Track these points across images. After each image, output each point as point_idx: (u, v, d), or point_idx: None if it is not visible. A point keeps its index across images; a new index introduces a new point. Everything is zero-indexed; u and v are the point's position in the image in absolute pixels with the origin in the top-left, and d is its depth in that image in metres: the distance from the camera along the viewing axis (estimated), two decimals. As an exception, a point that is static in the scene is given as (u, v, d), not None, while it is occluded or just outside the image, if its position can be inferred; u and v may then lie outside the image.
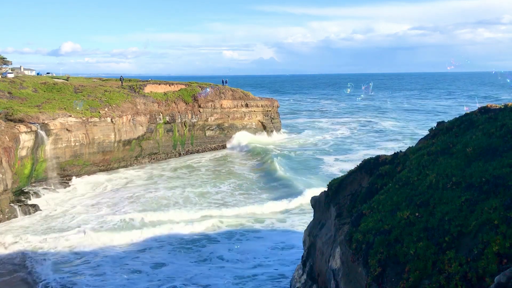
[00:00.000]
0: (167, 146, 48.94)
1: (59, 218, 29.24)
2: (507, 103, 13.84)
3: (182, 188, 35.80)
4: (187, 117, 51.10)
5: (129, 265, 22.06)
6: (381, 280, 8.61)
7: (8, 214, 28.91)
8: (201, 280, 20.17)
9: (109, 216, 28.92)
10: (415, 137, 48.70)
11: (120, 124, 42.17)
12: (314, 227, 16.72)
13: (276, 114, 63.44)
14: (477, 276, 6.76)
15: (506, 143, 10.72)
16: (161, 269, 21.55)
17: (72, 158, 38.04)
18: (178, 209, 30.27)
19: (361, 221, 10.73)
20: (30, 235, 25.56)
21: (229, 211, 29.49)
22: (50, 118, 36.09)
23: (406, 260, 8.37)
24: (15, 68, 66.17)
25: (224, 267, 21.58)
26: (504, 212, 7.80)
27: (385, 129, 67.80)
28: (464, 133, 12.97)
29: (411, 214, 9.56)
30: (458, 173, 10.28)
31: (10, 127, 31.40)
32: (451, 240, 8.11)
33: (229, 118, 56.51)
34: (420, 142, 15.05)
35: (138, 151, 45.02)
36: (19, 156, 31.59)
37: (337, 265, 11.59)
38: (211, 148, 53.49)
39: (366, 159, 15.57)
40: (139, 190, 35.57)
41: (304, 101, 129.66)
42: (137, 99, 46.10)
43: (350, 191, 14.54)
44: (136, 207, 30.79)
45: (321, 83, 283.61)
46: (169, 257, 22.88)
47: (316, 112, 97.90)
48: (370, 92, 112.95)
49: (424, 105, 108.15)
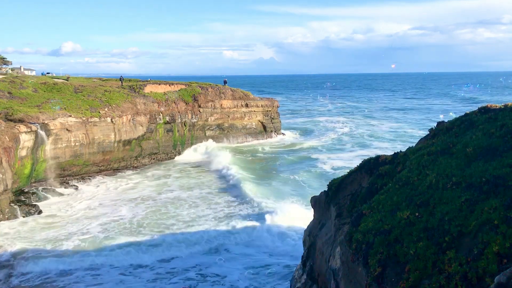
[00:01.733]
0: (167, 146, 48.94)
1: (61, 220, 29.23)
2: (507, 103, 13.84)
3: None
4: (187, 117, 51.11)
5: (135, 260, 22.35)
6: (381, 280, 8.61)
7: (8, 214, 28.90)
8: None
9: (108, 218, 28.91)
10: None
11: (120, 124, 42.17)
12: (314, 227, 16.72)
13: (276, 114, 63.46)
14: (477, 276, 6.76)
15: (506, 143, 10.72)
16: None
17: (72, 158, 38.03)
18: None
19: (361, 221, 10.73)
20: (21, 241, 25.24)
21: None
22: (50, 118, 36.09)
23: (406, 260, 8.37)
24: (15, 68, 66.19)
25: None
26: (504, 212, 7.80)
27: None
28: (464, 133, 12.97)
29: (411, 214, 9.56)
30: (458, 173, 10.27)
31: (10, 127, 31.39)
32: (451, 240, 8.11)
33: (229, 118, 56.52)
34: (420, 142, 15.05)
35: (138, 151, 45.01)
36: (19, 156, 31.58)
37: (337, 265, 11.59)
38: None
39: (366, 159, 15.56)
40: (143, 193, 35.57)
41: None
42: (137, 99, 46.10)
43: (350, 191, 14.53)
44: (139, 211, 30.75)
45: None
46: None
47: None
48: (326, 98, 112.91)
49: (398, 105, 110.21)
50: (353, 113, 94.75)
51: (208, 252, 23.39)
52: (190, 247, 23.72)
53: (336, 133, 64.99)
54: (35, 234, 26.17)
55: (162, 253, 23.10)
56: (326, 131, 67.63)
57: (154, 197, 33.61)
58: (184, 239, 24.71)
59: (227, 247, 23.89)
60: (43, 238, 25.35)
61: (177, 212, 29.78)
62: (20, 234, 26.16)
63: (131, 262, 22.30)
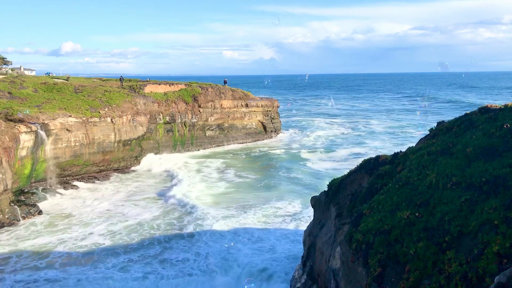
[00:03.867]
0: (167, 146, 48.95)
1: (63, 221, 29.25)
2: (507, 103, 13.84)
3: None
4: (187, 117, 51.12)
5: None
6: (381, 280, 8.61)
7: (8, 214, 28.90)
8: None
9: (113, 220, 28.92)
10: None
11: (120, 124, 42.17)
12: (314, 227, 16.72)
13: (276, 114, 63.47)
14: (477, 276, 6.76)
15: (506, 143, 10.72)
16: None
17: (72, 158, 38.04)
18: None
19: (361, 221, 10.73)
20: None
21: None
22: (50, 118, 36.09)
23: (406, 260, 8.37)
24: (15, 68, 66.17)
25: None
26: (504, 212, 7.80)
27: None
28: (464, 133, 12.97)
29: (411, 214, 9.56)
30: (458, 173, 10.28)
31: (10, 127, 31.38)
32: (451, 240, 8.11)
33: (229, 118, 56.54)
34: (420, 142, 15.04)
35: (138, 151, 45.02)
36: (19, 156, 31.58)
37: (337, 265, 11.59)
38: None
39: (366, 159, 15.56)
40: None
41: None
42: (137, 99, 46.11)
43: (350, 191, 14.54)
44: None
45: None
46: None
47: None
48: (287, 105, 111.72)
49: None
50: (352, 113, 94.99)
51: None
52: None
53: (331, 132, 65.23)
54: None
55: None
56: (320, 130, 68.08)
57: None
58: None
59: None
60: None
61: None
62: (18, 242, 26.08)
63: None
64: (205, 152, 51.44)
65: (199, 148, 52.81)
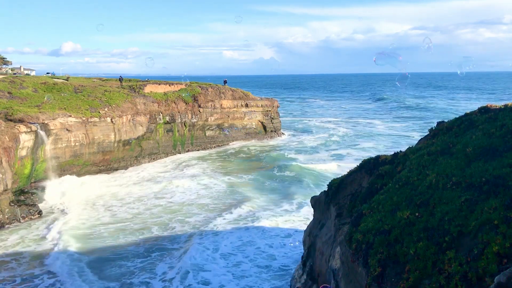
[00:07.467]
0: (167, 146, 48.94)
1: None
2: (507, 103, 13.85)
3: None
4: (187, 117, 51.11)
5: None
6: (381, 280, 8.61)
7: (8, 214, 28.89)
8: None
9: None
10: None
11: (120, 124, 42.16)
12: (314, 227, 16.72)
13: (276, 114, 63.45)
14: (477, 276, 6.76)
15: (506, 143, 10.72)
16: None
17: (72, 158, 38.03)
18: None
19: (361, 221, 10.73)
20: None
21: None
22: (50, 118, 36.07)
23: (406, 260, 8.37)
24: (15, 68, 66.22)
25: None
26: (504, 212, 7.80)
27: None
28: (464, 133, 12.97)
29: (411, 214, 9.56)
30: (458, 173, 10.27)
31: (10, 127, 31.37)
32: (451, 240, 8.11)
33: (229, 118, 56.53)
34: (420, 142, 15.05)
35: (138, 151, 45.02)
36: (19, 156, 31.57)
37: (337, 265, 11.59)
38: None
39: (366, 159, 15.57)
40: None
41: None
42: (137, 99, 46.09)
43: (350, 191, 14.54)
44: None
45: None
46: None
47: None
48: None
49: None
50: (351, 114, 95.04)
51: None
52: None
53: (332, 133, 65.01)
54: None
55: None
56: (321, 131, 67.83)
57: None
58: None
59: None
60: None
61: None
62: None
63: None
64: (199, 154, 50.82)
65: (199, 148, 52.77)
